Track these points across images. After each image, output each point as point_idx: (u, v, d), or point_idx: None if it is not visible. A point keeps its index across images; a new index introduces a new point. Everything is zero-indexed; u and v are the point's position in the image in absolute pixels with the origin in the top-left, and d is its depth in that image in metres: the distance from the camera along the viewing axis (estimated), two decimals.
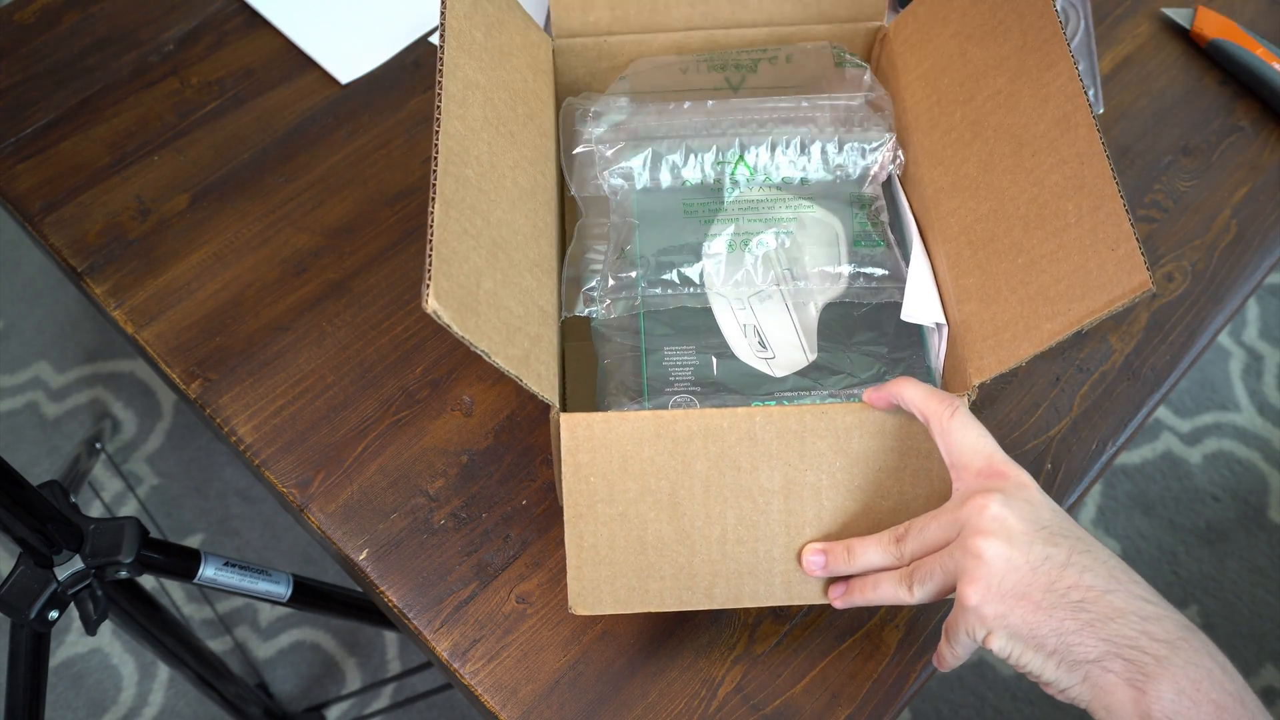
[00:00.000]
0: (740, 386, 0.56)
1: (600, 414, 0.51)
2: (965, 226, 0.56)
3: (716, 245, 0.59)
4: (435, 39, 0.79)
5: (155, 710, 1.25)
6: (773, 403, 0.55)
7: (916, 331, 0.58)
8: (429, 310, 0.42)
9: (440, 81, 0.49)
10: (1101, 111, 0.77)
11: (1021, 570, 0.43)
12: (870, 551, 0.50)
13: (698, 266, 0.59)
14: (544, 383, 0.49)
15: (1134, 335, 0.69)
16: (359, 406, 0.63)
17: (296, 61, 0.78)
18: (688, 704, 0.55)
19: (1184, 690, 0.40)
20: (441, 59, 0.50)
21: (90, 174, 0.72)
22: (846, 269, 0.59)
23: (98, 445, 1.37)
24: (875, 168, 0.62)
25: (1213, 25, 0.81)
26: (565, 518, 0.50)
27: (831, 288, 0.59)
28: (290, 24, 0.79)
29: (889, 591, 0.49)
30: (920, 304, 0.57)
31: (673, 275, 0.59)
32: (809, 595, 0.52)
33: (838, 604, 0.51)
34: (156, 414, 1.43)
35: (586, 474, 0.51)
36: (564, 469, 0.51)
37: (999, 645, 0.43)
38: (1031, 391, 0.66)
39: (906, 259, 0.60)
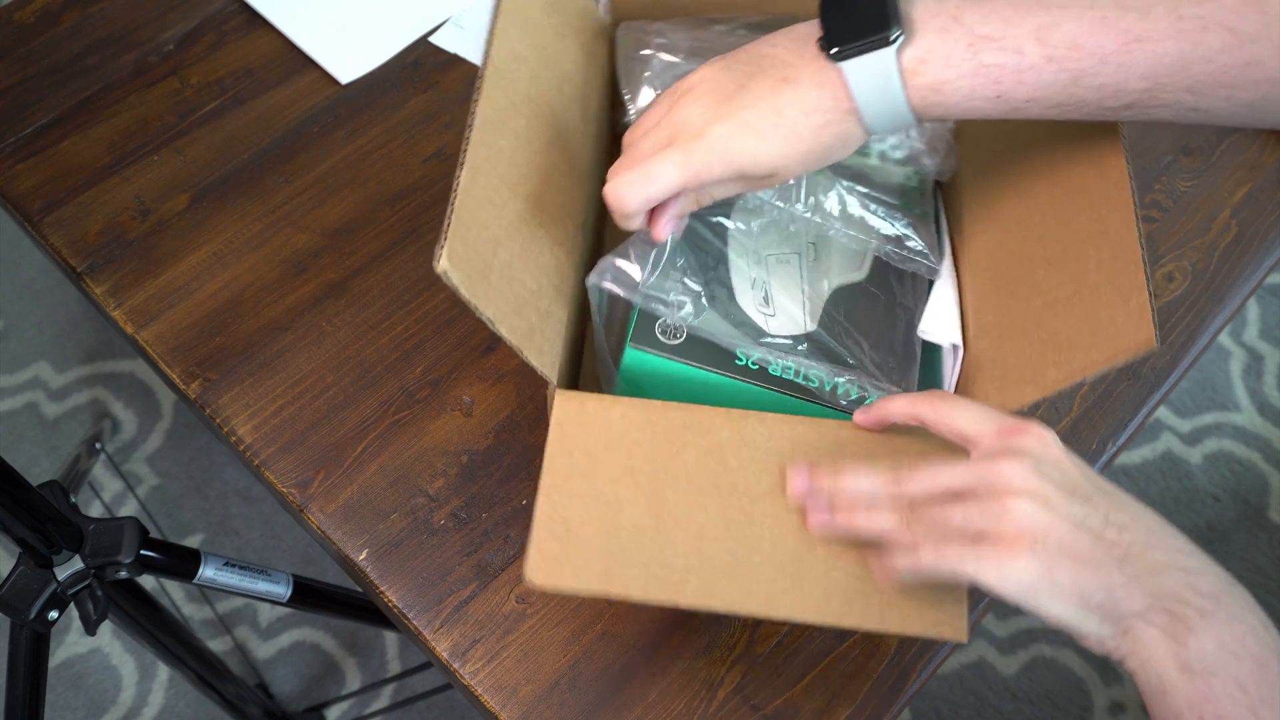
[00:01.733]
0: (735, 324, 0.55)
1: (595, 395, 0.51)
2: (993, 260, 0.56)
3: (753, 199, 0.59)
4: (435, 39, 0.79)
5: (155, 710, 1.25)
6: (757, 355, 0.55)
7: (917, 345, 0.58)
8: (439, 270, 0.42)
9: (488, 51, 0.49)
10: None
11: (1063, 529, 0.41)
12: (862, 477, 0.46)
13: (730, 213, 0.58)
14: (545, 359, 0.48)
15: None
16: (359, 406, 0.63)
17: (296, 61, 0.78)
18: (688, 704, 0.55)
19: (1226, 644, 0.39)
20: (493, 29, 0.50)
21: (90, 174, 0.72)
22: (871, 255, 0.59)
23: (98, 445, 1.37)
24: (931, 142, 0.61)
25: None
26: (540, 486, 0.49)
27: (852, 271, 0.59)
28: (290, 24, 0.79)
29: (886, 523, 0.45)
30: (940, 322, 0.56)
31: (705, 211, 0.58)
32: (788, 609, 0.48)
33: (816, 529, 0.48)
34: (156, 414, 1.43)
35: (570, 448, 0.50)
36: (550, 439, 0.50)
37: (1042, 604, 0.41)
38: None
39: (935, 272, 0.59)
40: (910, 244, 0.58)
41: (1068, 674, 1.28)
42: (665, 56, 0.62)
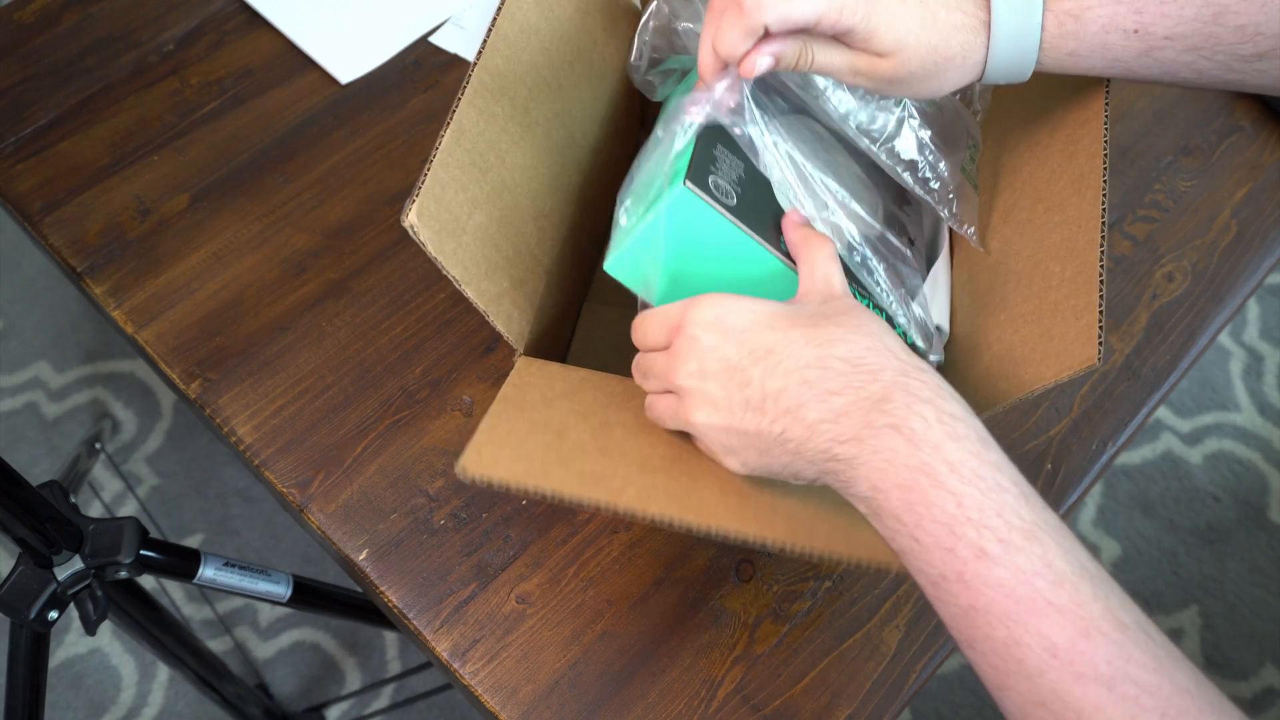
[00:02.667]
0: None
1: (558, 364, 0.51)
2: (972, 275, 0.56)
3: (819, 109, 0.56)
4: (435, 39, 0.79)
5: (155, 710, 1.25)
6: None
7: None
8: (406, 224, 0.43)
9: (496, 17, 0.49)
10: None
11: (729, 427, 0.43)
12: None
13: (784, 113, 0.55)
14: (512, 325, 0.48)
15: (1134, 335, 0.69)
16: (359, 406, 0.63)
17: (296, 61, 0.78)
18: (688, 704, 0.55)
19: (875, 484, 0.39)
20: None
21: (90, 174, 0.72)
22: (882, 213, 0.57)
23: (97, 445, 1.37)
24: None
25: None
26: (489, 413, 0.48)
27: (864, 227, 0.57)
28: (290, 24, 0.79)
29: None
30: (933, 299, 0.56)
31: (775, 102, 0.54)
32: (727, 523, 0.45)
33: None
34: (156, 414, 1.43)
35: (525, 392, 0.49)
36: (506, 385, 0.49)
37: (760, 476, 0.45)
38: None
39: (934, 259, 0.59)
40: (953, 204, 0.57)
41: None
42: None
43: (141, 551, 0.74)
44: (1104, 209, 0.47)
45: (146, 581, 1.28)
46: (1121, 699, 0.33)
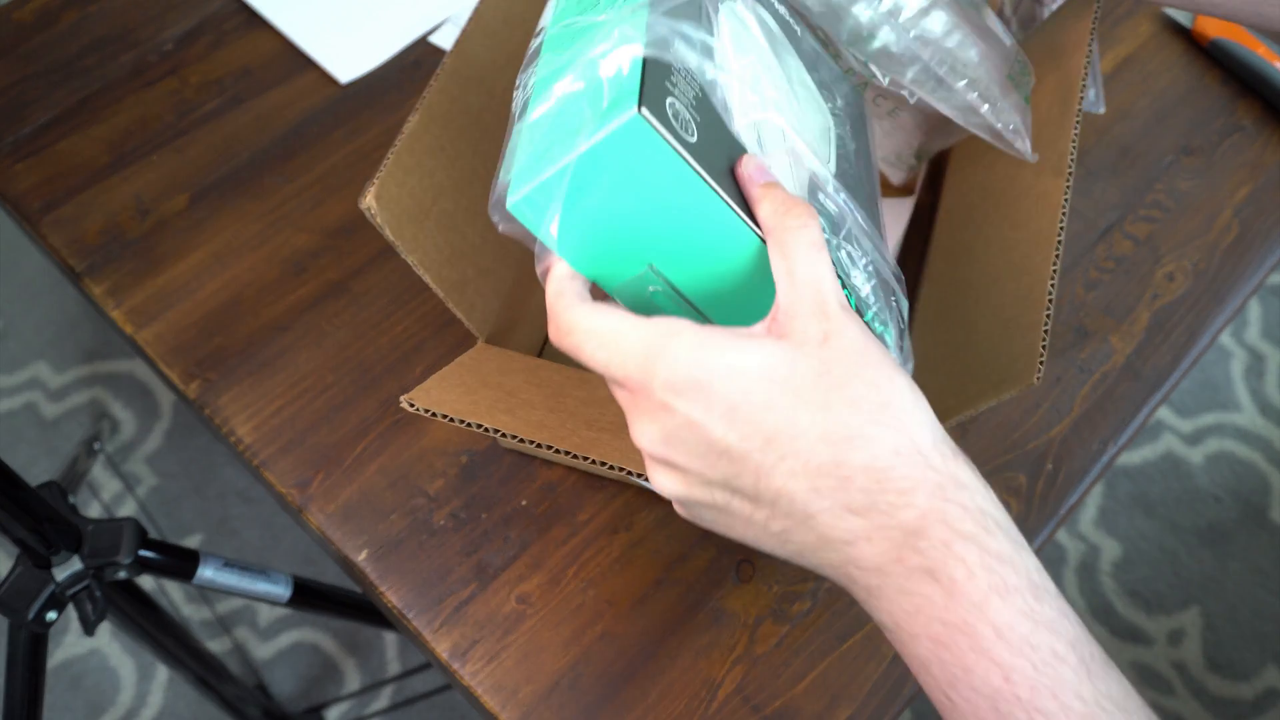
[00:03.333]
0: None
1: (518, 353, 0.51)
2: (939, 291, 0.56)
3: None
4: (435, 39, 0.79)
5: (154, 711, 1.24)
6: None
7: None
8: (362, 206, 0.42)
9: (477, 8, 0.49)
10: (1102, 111, 0.77)
11: (705, 507, 0.36)
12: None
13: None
14: (475, 314, 0.48)
15: (1135, 335, 0.69)
16: (358, 406, 0.63)
17: (296, 61, 0.78)
18: (688, 705, 0.55)
19: (899, 623, 0.33)
20: None
21: (89, 174, 0.72)
22: (834, 148, 0.50)
23: (96, 446, 1.37)
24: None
25: (1214, 24, 0.81)
26: (442, 370, 0.47)
27: (820, 163, 0.48)
28: (290, 24, 0.79)
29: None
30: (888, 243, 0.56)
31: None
32: None
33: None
34: (155, 414, 1.43)
35: (482, 362, 0.49)
36: (463, 356, 0.49)
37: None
38: (1032, 392, 0.66)
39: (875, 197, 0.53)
40: (1008, 123, 0.51)
41: None
42: None
43: (140, 552, 0.74)
44: (1062, 227, 0.47)
45: (146, 582, 1.28)
46: None
